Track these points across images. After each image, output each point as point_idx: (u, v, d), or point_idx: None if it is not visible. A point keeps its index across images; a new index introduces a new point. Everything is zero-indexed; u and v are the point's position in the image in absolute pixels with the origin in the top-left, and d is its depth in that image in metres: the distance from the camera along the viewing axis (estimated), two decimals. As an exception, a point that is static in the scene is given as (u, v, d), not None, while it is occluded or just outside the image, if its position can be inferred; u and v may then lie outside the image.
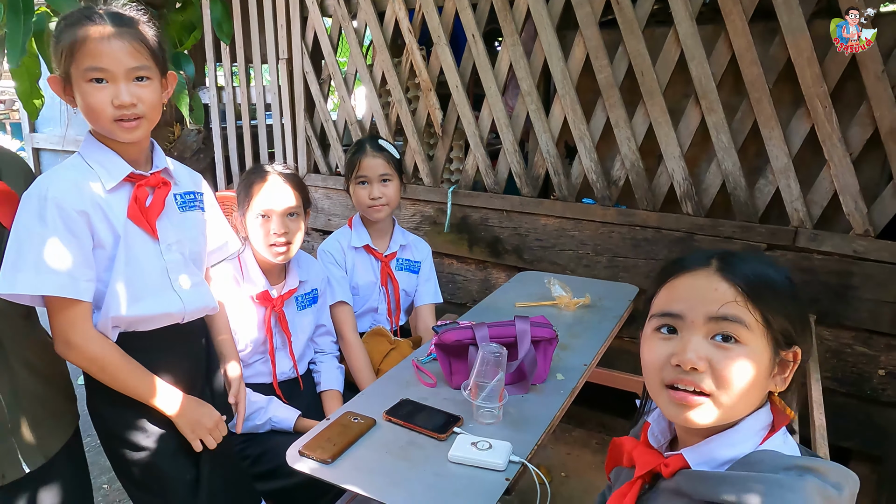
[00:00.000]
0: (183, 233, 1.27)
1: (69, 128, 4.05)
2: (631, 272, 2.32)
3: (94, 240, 1.14)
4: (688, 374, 0.74)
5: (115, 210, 1.16)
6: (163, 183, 1.22)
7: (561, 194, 2.44)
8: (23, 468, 1.13)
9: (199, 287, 1.31)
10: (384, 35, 2.74)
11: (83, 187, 1.13)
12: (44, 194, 1.08)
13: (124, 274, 1.16)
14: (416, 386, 1.51)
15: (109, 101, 1.08)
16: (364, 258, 1.99)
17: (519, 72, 2.39)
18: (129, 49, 1.09)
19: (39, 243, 1.06)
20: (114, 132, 1.12)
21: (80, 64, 1.07)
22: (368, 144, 1.95)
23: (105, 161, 1.16)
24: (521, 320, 1.51)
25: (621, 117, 2.23)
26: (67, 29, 1.08)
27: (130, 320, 1.19)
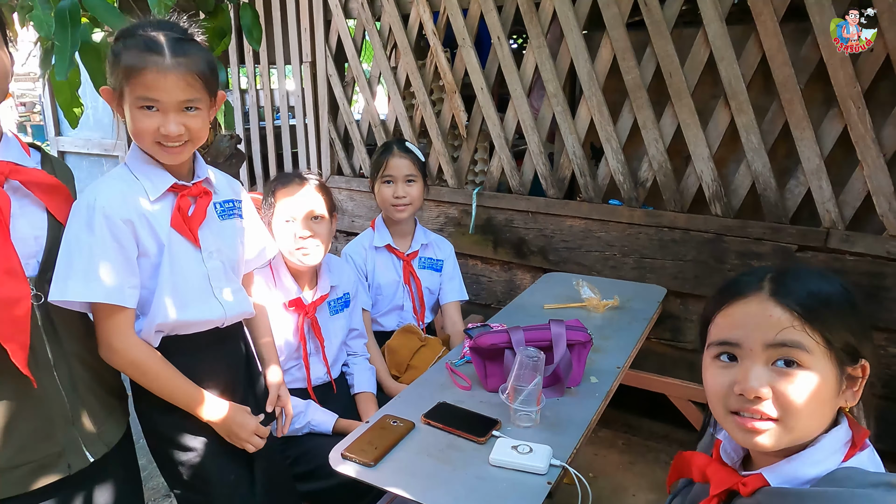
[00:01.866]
0: (223, 241, 1.29)
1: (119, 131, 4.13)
2: (658, 273, 2.32)
3: (139, 248, 1.17)
4: (752, 403, 0.74)
5: (159, 220, 1.19)
6: (204, 192, 1.25)
7: (587, 195, 2.44)
8: (87, 457, 1.17)
9: (238, 293, 1.34)
10: (408, 37, 2.76)
11: (129, 197, 1.16)
12: (92, 204, 1.12)
13: (169, 281, 1.20)
14: (452, 389, 1.53)
15: (156, 127, 1.11)
16: (386, 257, 2.02)
17: (545, 73, 2.39)
18: (183, 84, 1.11)
19: (88, 252, 1.10)
20: (158, 154, 1.16)
21: (134, 90, 1.10)
22: (396, 145, 2.02)
23: (150, 173, 1.20)
24: (557, 324, 1.52)
25: (649, 118, 2.22)
26: (127, 51, 1.10)
27: (174, 325, 1.22)
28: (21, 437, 1.08)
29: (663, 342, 2.36)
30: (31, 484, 1.10)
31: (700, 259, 2.22)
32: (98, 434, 1.20)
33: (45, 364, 1.10)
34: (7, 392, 1.07)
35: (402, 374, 1.86)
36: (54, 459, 1.12)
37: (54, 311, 1.12)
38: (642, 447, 2.52)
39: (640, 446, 2.53)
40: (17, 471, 1.08)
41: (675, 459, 0.92)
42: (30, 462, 1.09)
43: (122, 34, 1.13)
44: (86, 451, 1.17)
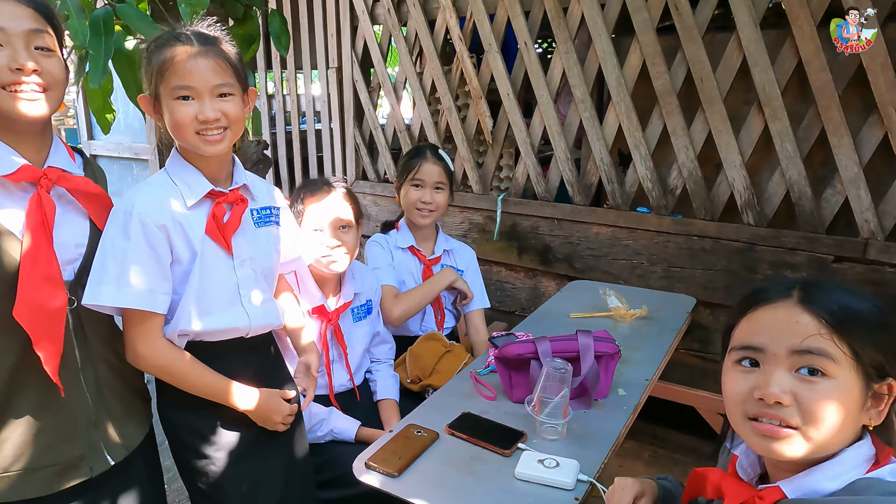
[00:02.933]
0: (256, 248, 1.28)
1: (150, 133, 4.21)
2: (687, 283, 2.27)
3: (173, 255, 1.17)
4: (771, 408, 0.72)
5: (193, 226, 1.18)
6: (241, 199, 1.24)
7: (614, 203, 2.40)
8: (108, 461, 1.17)
9: (267, 304, 1.32)
10: (434, 43, 2.75)
11: (165, 203, 1.16)
12: (129, 209, 1.12)
13: (198, 288, 1.19)
14: (476, 399, 1.51)
15: (194, 116, 1.12)
16: (408, 259, 2.02)
17: (572, 79, 2.37)
18: (214, 67, 1.12)
19: (122, 257, 1.10)
20: (198, 146, 1.15)
21: (169, 82, 1.11)
22: (429, 151, 2.02)
23: (188, 178, 1.20)
24: (584, 335, 1.49)
25: (679, 125, 2.18)
26: (157, 50, 1.12)
27: (197, 332, 1.22)
28: (46, 439, 1.09)
29: (692, 353, 2.31)
30: (55, 486, 1.11)
31: (731, 269, 2.17)
32: (119, 438, 1.20)
33: (72, 367, 1.11)
34: (34, 394, 1.08)
35: (426, 377, 1.85)
36: (77, 462, 1.13)
37: (85, 315, 1.13)
38: (669, 460, 2.47)
39: (666, 459, 2.47)
40: (42, 472, 1.09)
41: (690, 476, 0.90)
42: (54, 464, 1.10)
43: (153, 40, 1.15)
44: (107, 454, 1.17)
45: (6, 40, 0.99)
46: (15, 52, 0.98)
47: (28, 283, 1.01)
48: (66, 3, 1.21)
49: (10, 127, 1.03)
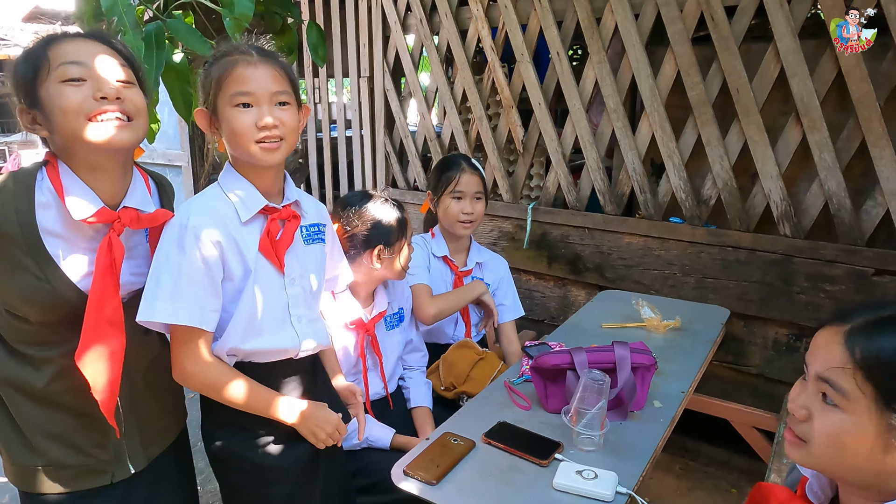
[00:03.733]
0: (306, 266, 1.26)
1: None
2: (721, 294, 2.25)
3: (225, 272, 1.15)
4: (792, 418, 0.78)
5: (248, 243, 1.17)
6: (293, 216, 1.22)
7: (647, 212, 2.39)
8: (129, 469, 1.20)
9: (315, 323, 1.30)
10: (466, 53, 2.78)
11: (220, 219, 1.15)
12: (184, 223, 1.11)
13: (249, 307, 1.17)
14: (511, 408, 1.51)
15: (253, 123, 1.11)
16: (442, 268, 2.03)
17: (605, 89, 2.37)
18: (273, 74, 1.12)
19: (176, 272, 1.09)
20: (255, 155, 1.13)
21: (227, 90, 1.11)
22: (465, 162, 2.01)
23: (242, 193, 1.18)
24: (621, 346, 1.49)
25: (714, 135, 2.17)
26: (216, 63, 1.14)
27: (247, 352, 1.21)
28: (77, 442, 1.12)
29: (725, 365, 2.29)
30: (77, 485, 1.14)
31: (766, 281, 2.14)
32: (144, 447, 1.22)
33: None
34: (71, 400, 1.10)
35: (460, 385, 1.86)
36: (102, 466, 1.16)
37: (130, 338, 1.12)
38: (701, 473, 2.44)
39: (698, 472, 2.44)
40: (68, 470, 1.13)
41: (754, 491, 0.90)
42: (80, 465, 1.13)
43: (213, 56, 1.17)
44: (129, 464, 1.19)
45: (89, 74, 1.00)
46: (98, 83, 0.99)
47: (93, 328, 1.02)
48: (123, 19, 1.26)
49: (94, 163, 1.04)
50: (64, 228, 1.04)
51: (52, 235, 1.03)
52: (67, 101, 0.98)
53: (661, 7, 2.18)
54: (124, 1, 1.26)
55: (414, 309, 1.88)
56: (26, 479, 1.13)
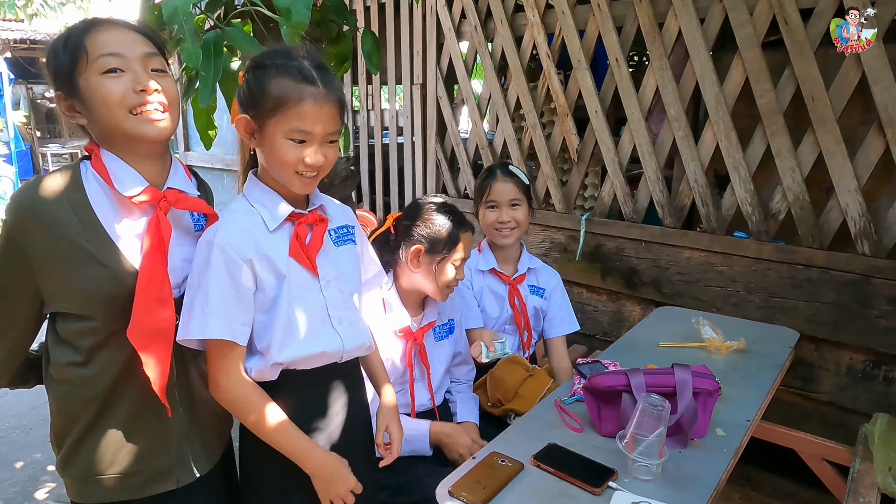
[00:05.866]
0: (339, 268, 1.25)
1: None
2: (789, 315, 2.11)
3: (257, 283, 1.14)
4: None
5: (277, 250, 1.16)
6: (320, 220, 1.22)
7: (709, 226, 2.28)
8: (194, 472, 1.20)
9: (357, 324, 1.28)
10: (521, 59, 2.73)
11: (247, 231, 1.14)
12: (211, 240, 1.11)
13: (287, 314, 1.16)
14: (562, 429, 1.45)
15: (303, 159, 1.11)
16: (491, 281, 1.98)
17: (667, 96, 2.27)
18: (333, 115, 1.12)
19: (206, 289, 1.09)
20: (293, 184, 1.14)
21: (285, 122, 1.08)
22: (499, 170, 1.98)
23: (268, 202, 1.17)
24: (682, 369, 1.40)
25: (785, 146, 2.04)
26: (277, 78, 1.09)
27: (291, 360, 1.19)
28: (140, 449, 1.13)
29: (793, 391, 2.14)
30: (143, 491, 1.14)
31: (841, 302, 1.99)
32: (205, 450, 1.22)
33: (169, 383, 1.12)
34: (133, 405, 1.11)
35: (508, 401, 1.80)
36: (167, 471, 1.16)
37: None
38: (762, 504, 2.29)
39: (759, 503, 2.30)
40: (134, 477, 1.13)
41: None
42: (145, 472, 1.14)
43: (260, 63, 1.13)
44: (193, 466, 1.19)
45: (127, 66, 1.02)
46: (137, 76, 1.02)
47: (142, 305, 1.03)
48: (183, 27, 1.27)
49: (134, 150, 1.06)
50: (116, 213, 1.07)
51: (107, 221, 1.06)
52: (110, 94, 1.00)
53: (730, 11, 2.08)
54: (184, 9, 1.27)
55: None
56: (91, 491, 1.13)
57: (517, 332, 1.98)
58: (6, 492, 2.45)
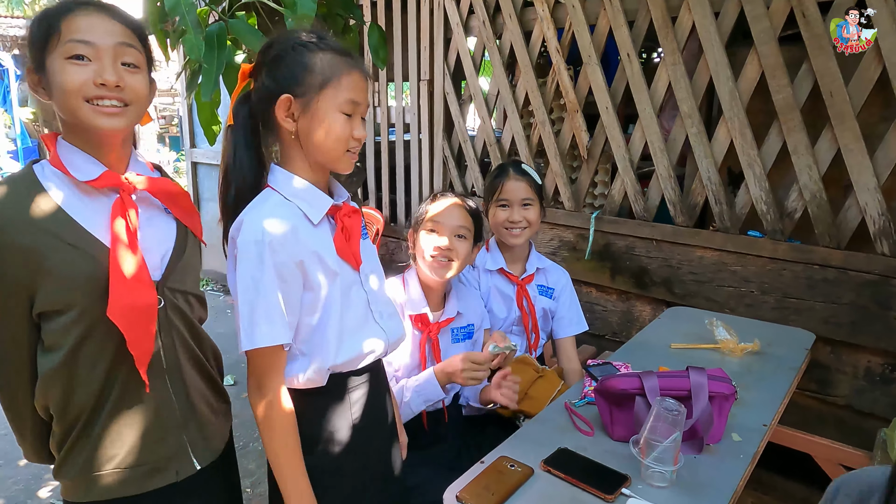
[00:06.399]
0: (372, 260, 1.23)
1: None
2: (804, 316, 2.06)
3: (306, 283, 1.09)
4: None
5: (327, 247, 1.12)
6: (353, 211, 1.18)
7: (722, 225, 2.23)
8: (194, 464, 1.16)
9: (395, 316, 1.25)
10: (530, 55, 2.68)
11: (294, 230, 1.08)
12: (260, 239, 1.05)
13: (340, 313, 1.12)
14: (572, 433, 1.41)
15: (352, 132, 1.09)
16: (499, 281, 1.94)
17: (679, 92, 2.22)
18: (368, 89, 1.11)
19: (265, 293, 1.05)
20: (340, 161, 1.11)
21: (340, 94, 1.06)
22: (511, 168, 1.93)
23: (307, 195, 1.12)
24: (697, 372, 1.36)
25: (801, 142, 1.99)
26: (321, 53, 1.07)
27: (346, 362, 1.15)
28: (136, 440, 1.09)
29: (808, 394, 2.09)
30: (145, 486, 1.11)
31: (859, 303, 1.94)
32: (205, 441, 1.19)
33: (158, 370, 1.10)
34: (126, 396, 1.08)
35: (518, 403, 1.76)
36: (165, 464, 1.13)
37: (169, 318, 1.10)
38: (775, 509, 2.24)
39: (772, 508, 2.25)
40: (134, 471, 1.10)
41: None
42: (144, 464, 1.10)
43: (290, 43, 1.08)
44: (193, 458, 1.16)
45: (95, 55, 0.98)
46: (101, 68, 0.98)
47: (118, 284, 1.00)
48: (185, 19, 1.24)
49: (90, 139, 1.03)
50: (80, 200, 1.04)
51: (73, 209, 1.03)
52: (68, 81, 0.97)
53: (745, 4, 2.03)
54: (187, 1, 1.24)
55: None
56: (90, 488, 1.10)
57: (524, 334, 1.94)
58: (10, 489, 2.44)
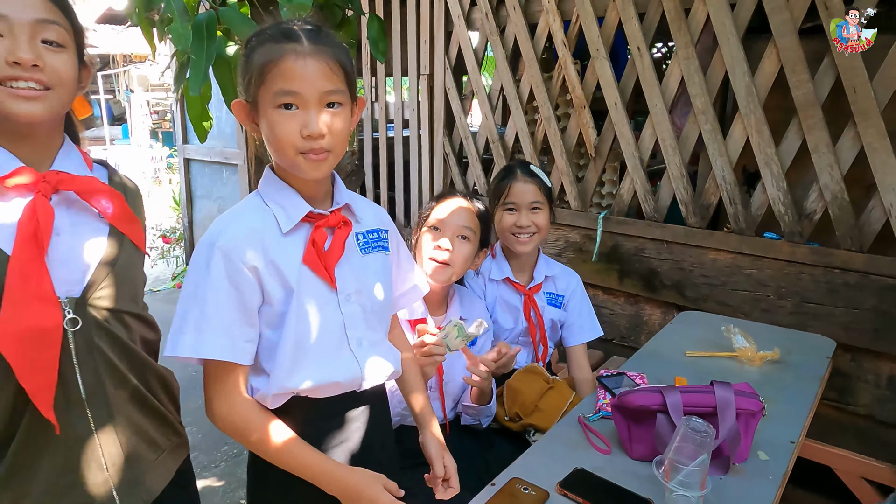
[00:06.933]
0: (364, 281, 1.09)
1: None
2: (824, 321, 1.97)
3: (264, 296, 1.00)
4: None
5: (289, 257, 1.01)
6: (343, 222, 1.06)
7: (736, 226, 2.14)
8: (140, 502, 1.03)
9: (380, 346, 1.12)
10: (535, 48, 2.58)
11: (257, 236, 0.99)
12: (213, 241, 0.97)
13: (296, 333, 1.01)
14: (587, 450, 1.32)
15: (298, 130, 0.95)
16: (505, 291, 1.83)
17: (692, 88, 2.13)
18: (325, 70, 0.95)
19: (203, 299, 0.96)
20: (298, 166, 0.99)
21: (270, 86, 0.94)
22: (520, 169, 1.81)
23: (283, 200, 1.03)
24: (723, 387, 1.27)
25: (822, 140, 1.90)
26: (259, 47, 0.96)
27: (301, 389, 1.03)
28: (48, 482, 0.94)
29: (827, 403, 2.01)
30: None
31: (882, 308, 1.86)
32: (137, 485, 1.03)
33: (76, 401, 0.94)
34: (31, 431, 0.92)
35: (527, 416, 1.67)
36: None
37: (94, 339, 0.95)
38: (790, 522, 2.16)
39: (788, 521, 2.16)
40: None
41: None
42: None
43: (255, 35, 1.00)
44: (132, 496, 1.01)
45: (8, 30, 0.85)
46: (15, 44, 0.85)
47: (15, 304, 0.86)
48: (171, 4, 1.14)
49: (8, 129, 0.91)
50: None
51: None
52: None
53: (763, -6, 1.93)
54: (173, -15, 1.13)
55: None
56: None
57: (531, 345, 1.84)
58: None
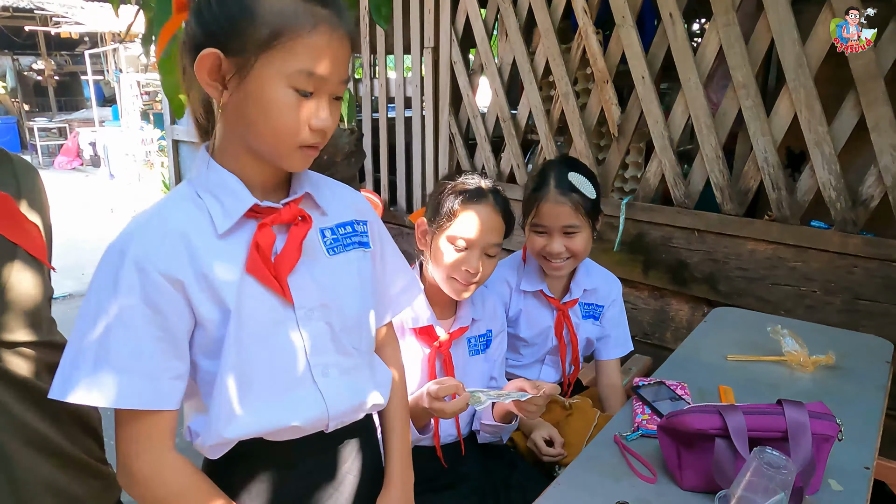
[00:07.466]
0: (332, 290, 0.86)
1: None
2: (878, 321, 1.77)
3: (195, 316, 0.78)
4: None
5: (228, 266, 0.79)
6: (301, 217, 0.83)
7: (779, 214, 1.93)
8: None
9: (354, 374, 0.90)
10: (552, 17, 2.35)
11: (182, 237, 0.77)
12: (123, 249, 0.75)
13: (236, 365, 0.79)
14: (629, 478, 1.12)
15: (308, 120, 0.76)
16: (533, 304, 1.59)
17: (732, 58, 1.91)
18: (348, 55, 0.78)
19: (106, 326, 0.74)
20: (289, 158, 0.80)
21: (288, 59, 0.73)
22: (553, 181, 1.47)
23: (221, 191, 0.80)
24: (794, 408, 1.07)
25: (885, 117, 1.68)
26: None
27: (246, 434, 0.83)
28: None
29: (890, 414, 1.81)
30: None
31: (948, 308, 1.66)
32: None
33: None
34: None
35: None
36: None
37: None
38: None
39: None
40: None
41: None
42: None
43: None
44: None
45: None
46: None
47: None
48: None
49: None
50: None
51: None
52: None
53: (818, -49, 1.71)
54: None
55: None
56: None
57: (559, 365, 1.61)
58: None
